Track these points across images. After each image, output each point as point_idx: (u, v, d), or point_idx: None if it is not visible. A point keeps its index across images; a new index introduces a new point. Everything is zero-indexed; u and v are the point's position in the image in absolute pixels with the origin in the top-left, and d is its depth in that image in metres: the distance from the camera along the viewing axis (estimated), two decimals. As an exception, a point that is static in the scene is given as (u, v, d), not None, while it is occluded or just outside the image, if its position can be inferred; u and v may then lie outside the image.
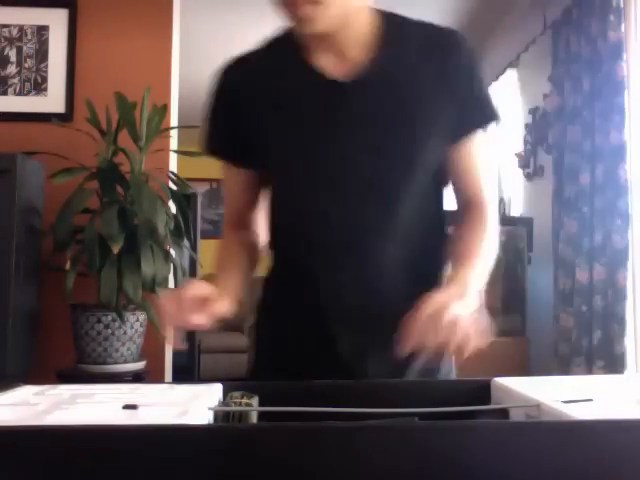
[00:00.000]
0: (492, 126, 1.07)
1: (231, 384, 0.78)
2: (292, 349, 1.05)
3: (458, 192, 1.09)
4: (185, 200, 2.50)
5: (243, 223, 1.15)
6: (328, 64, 1.01)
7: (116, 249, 2.10)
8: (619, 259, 2.57)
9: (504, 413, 0.74)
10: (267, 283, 1.13)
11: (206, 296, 0.89)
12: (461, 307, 0.83)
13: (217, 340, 5.27)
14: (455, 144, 1.04)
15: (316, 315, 1.02)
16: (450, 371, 1.08)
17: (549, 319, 3.11)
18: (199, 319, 0.87)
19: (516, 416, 0.72)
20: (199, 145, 1.13)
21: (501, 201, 4.03)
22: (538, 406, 0.66)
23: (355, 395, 0.79)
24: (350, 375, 0.94)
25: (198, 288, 0.89)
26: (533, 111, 3.56)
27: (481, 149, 1.06)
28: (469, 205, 1.07)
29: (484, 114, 1.06)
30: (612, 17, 2.63)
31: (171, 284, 2.44)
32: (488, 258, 1.02)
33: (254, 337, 1.15)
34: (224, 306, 0.90)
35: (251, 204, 1.14)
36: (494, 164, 3.86)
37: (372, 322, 1.01)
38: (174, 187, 2.51)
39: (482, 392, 0.80)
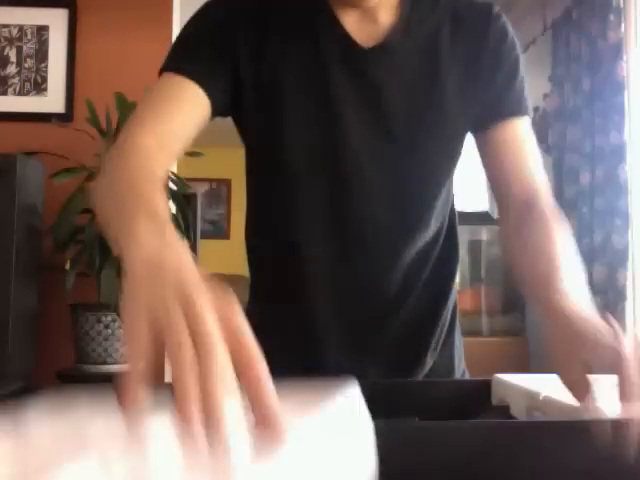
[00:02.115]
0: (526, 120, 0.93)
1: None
2: (280, 359, 0.97)
3: (501, 189, 0.92)
4: (185, 200, 2.50)
5: (166, 149, 0.78)
6: (353, 26, 0.86)
7: (116, 249, 2.09)
8: (619, 259, 2.56)
9: (505, 410, 0.74)
10: (253, 284, 1.01)
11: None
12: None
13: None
14: (488, 132, 0.91)
15: (312, 328, 0.93)
16: (464, 374, 1.04)
17: (549, 319, 3.10)
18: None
19: (518, 411, 0.72)
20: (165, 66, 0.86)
21: (501, 201, 4.02)
22: (541, 398, 0.66)
23: (355, 395, 0.79)
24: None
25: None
26: (533, 111, 3.56)
27: (526, 137, 0.93)
28: (521, 204, 0.88)
29: (520, 104, 0.93)
30: (612, 17, 2.63)
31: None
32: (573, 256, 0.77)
33: None
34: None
35: (185, 136, 0.82)
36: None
37: (376, 336, 0.94)
38: (174, 187, 2.51)
39: (483, 391, 0.80)
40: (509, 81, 0.92)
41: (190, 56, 0.85)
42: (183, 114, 0.81)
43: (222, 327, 0.41)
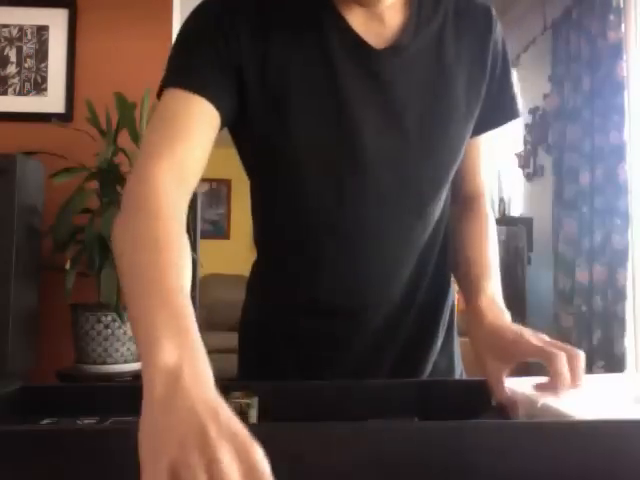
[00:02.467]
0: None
1: (231, 384, 0.78)
2: (284, 356, 0.96)
3: (458, 183, 1.01)
4: (185, 200, 2.50)
5: (187, 177, 0.78)
6: (361, 26, 0.85)
7: (116, 249, 2.09)
8: (619, 259, 2.57)
9: (505, 410, 0.74)
10: (255, 282, 1.01)
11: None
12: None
13: (217, 340, 5.28)
14: (478, 135, 0.97)
15: (317, 320, 0.93)
16: (462, 373, 1.05)
17: (549, 319, 3.11)
18: None
19: (516, 417, 0.72)
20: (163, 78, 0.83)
21: (501, 201, 4.03)
22: (539, 406, 0.66)
23: (355, 395, 0.79)
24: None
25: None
26: (533, 111, 3.56)
27: (493, 141, 1.03)
28: (468, 198, 1.02)
29: (513, 109, 0.99)
30: (612, 17, 2.63)
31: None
32: (496, 253, 0.98)
33: (240, 344, 1.03)
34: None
35: (203, 156, 0.81)
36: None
37: (379, 327, 0.94)
38: (174, 187, 2.51)
39: (483, 391, 0.80)
40: (505, 85, 0.96)
41: (191, 67, 0.81)
42: (197, 135, 0.79)
43: (239, 462, 0.43)
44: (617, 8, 2.63)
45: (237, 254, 5.06)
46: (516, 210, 3.90)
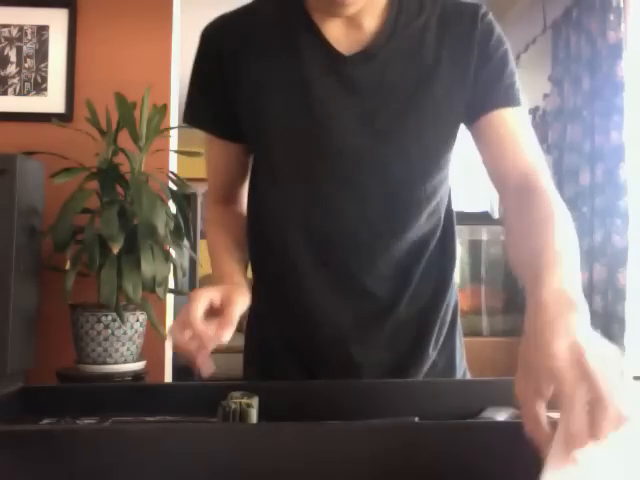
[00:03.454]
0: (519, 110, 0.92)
1: (231, 384, 0.78)
2: (284, 354, 0.99)
3: (499, 176, 0.91)
4: (185, 200, 2.50)
5: (232, 198, 1.05)
6: (338, 33, 0.89)
7: (116, 249, 2.10)
8: (619, 259, 2.57)
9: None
10: (256, 281, 1.03)
11: (218, 303, 0.76)
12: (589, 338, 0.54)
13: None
14: (480, 123, 0.90)
15: (314, 319, 0.95)
16: (465, 373, 1.05)
17: (549, 319, 3.10)
18: (221, 335, 0.72)
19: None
20: (185, 120, 1.02)
21: (501, 201, 4.02)
22: None
23: (355, 395, 0.79)
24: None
25: (204, 300, 0.75)
26: (533, 111, 3.56)
27: (520, 124, 0.91)
28: (518, 184, 0.86)
29: (509, 95, 0.91)
30: (612, 17, 2.63)
31: (171, 284, 2.44)
32: (572, 243, 0.73)
33: (246, 342, 1.06)
34: (242, 303, 0.78)
35: (240, 179, 1.04)
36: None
37: (370, 327, 0.96)
38: (174, 187, 2.51)
39: (483, 391, 0.80)
40: (497, 75, 0.92)
41: (205, 106, 0.98)
42: (232, 171, 1.03)
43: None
44: (617, 8, 2.63)
45: (237, 254, 5.02)
46: (516, 210, 3.89)
